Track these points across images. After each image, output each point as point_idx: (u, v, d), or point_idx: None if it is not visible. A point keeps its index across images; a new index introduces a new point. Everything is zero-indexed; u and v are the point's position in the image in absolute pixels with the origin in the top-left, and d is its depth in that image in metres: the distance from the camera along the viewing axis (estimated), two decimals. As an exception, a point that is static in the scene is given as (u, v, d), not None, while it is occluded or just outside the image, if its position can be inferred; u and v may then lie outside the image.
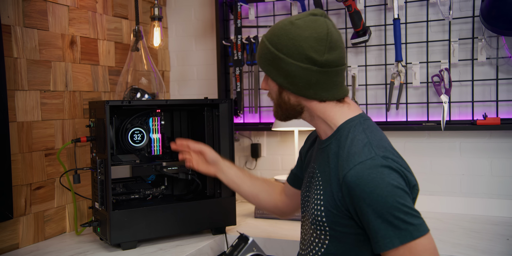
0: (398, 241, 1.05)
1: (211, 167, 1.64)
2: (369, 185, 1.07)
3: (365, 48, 2.23)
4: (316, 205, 1.20)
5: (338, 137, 1.21)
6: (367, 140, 1.15)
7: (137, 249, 1.67)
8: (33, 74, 1.76)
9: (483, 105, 2.05)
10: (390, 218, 1.06)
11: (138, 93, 2.01)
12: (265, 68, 1.23)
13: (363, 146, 1.13)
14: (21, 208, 1.71)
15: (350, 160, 1.12)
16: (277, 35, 1.19)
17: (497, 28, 1.88)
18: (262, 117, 2.46)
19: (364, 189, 1.07)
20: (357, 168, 1.09)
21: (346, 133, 1.19)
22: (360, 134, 1.17)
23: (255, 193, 1.60)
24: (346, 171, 1.10)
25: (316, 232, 1.22)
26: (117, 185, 1.80)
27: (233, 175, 1.62)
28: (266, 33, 1.23)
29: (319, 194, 1.20)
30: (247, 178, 1.62)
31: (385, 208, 1.06)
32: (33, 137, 1.76)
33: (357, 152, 1.12)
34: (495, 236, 1.74)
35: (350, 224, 1.15)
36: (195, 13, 2.61)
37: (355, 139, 1.16)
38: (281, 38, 1.18)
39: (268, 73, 1.22)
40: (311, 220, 1.22)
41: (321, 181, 1.22)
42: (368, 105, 2.23)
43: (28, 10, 1.75)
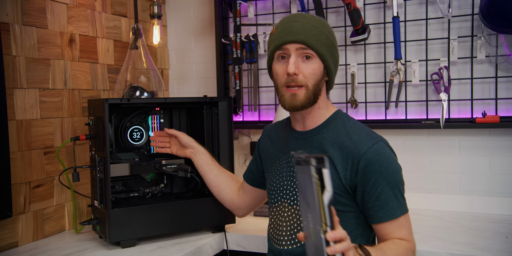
0: (400, 212, 1.26)
1: (186, 150, 1.76)
2: (387, 161, 1.25)
3: (364, 46, 2.23)
4: None
5: (332, 127, 1.34)
6: (367, 128, 1.35)
7: (136, 247, 1.67)
8: (32, 72, 1.76)
9: (482, 103, 2.05)
10: (397, 191, 1.26)
11: (137, 91, 2.00)
12: (324, 51, 1.29)
13: (368, 132, 1.32)
14: (20, 206, 1.70)
15: (364, 141, 1.27)
16: (327, 26, 1.32)
17: (496, 26, 1.88)
18: (262, 115, 2.46)
19: (383, 164, 1.24)
20: (376, 147, 1.26)
21: (340, 122, 1.35)
22: (356, 123, 1.36)
23: (218, 183, 1.72)
24: (365, 149, 1.25)
25: None
26: (116, 183, 1.80)
27: (204, 161, 1.73)
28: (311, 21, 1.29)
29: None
30: (215, 167, 1.73)
31: (396, 182, 1.26)
32: (32, 135, 1.76)
33: (367, 135, 1.30)
34: (494, 234, 1.74)
35: (348, 203, 1.29)
36: (194, 11, 2.61)
37: (356, 126, 1.34)
38: (331, 30, 1.33)
39: (326, 57, 1.30)
40: None
41: None
42: (367, 103, 2.23)
43: (27, 8, 1.74)
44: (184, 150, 1.76)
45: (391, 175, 1.25)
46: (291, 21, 1.30)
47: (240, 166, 2.51)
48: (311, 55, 1.28)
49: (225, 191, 1.71)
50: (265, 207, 2.08)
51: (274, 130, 1.54)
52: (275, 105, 2.42)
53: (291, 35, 1.28)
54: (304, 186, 0.91)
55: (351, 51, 2.26)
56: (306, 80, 1.29)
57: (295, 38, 1.27)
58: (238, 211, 1.73)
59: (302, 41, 1.27)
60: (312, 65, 1.29)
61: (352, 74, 2.23)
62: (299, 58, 1.29)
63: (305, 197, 0.92)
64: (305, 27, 1.28)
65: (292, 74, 1.27)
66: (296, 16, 1.31)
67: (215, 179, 1.72)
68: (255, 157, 1.62)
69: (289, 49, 1.29)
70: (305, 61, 1.29)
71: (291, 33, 1.28)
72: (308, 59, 1.29)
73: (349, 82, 2.25)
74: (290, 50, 1.28)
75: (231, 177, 1.75)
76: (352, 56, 2.26)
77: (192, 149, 1.75)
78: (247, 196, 1.67)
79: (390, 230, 1.26)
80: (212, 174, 1.72)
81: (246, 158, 2.51)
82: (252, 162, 1.63)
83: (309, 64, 1.29)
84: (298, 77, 1.28)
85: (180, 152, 1.77)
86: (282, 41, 1.29)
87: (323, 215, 0.88)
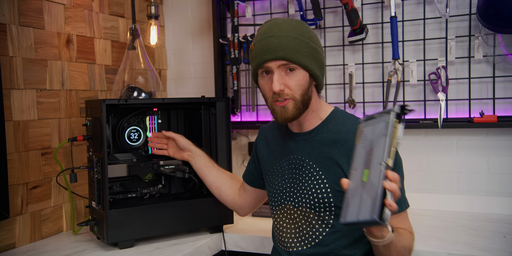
0: (404, 206, 1.31)
1: (184, 153, 1.75)
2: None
3: (362, 46, 2.23)
4: (319, 189, 1.32)
5: (331, 126, 1.34)
6: None
7: (134, 248, 1.66)
8: (29, 73, 1.76)
9: (480, 103, 2.05)
10: (402, 186, 1.29)
11: (135, 91, 2.00)
12: (306, 61, 1.27)
13: None
14: (17, 207, 1.70)
15: None
16: (306, 32, 1.29)
17: (493, 25, 1.88)
18: (260, 116, 2.45)
19: None
20: None
21: (340, 121, 1.34)
22: (356, 119, 1.35)
23: (218, 185, 1.71)
24: None
25: (319, 215, 1.32)
26: (114, 184, 1.80)
27: (202, 163, 1.72)
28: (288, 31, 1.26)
29: (320, 179, 1.32)
30: (214, 169, 1.73)
31: (402, 177, 1.29)
32: (29, 136, 1.75)
33: None
34: (493, 233, 1.74)
35: None
36: (192, 12, 2.60)
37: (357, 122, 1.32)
38: (311, 34, 1.30)
39: (310, 66, 1.28)
40: (311, 204, 1.33)
41: (318, 168, 1.33)
42: (365, 103, 2.23)
43: (24, 8, 1.74)
44: (181, 153, 1.76)
45: (399, 170, 1.28)
46: (267, 36, 1.28)
47: (238, 167, 2.50)
48: (294, 67, 1.27)
49: (226, 192, 1.71)
50: (264, 208, 2.08)
51: (270, 131, 1.54)
52: (273, 105, 2.41)
53: (269, 53, 1.26)
54: (372, 132, 0.96)
55: (349, 51, 2.26)
56: (292, 92, 1.28)
57: (274, 56, 1.26)
58: (241, 210, 1.73)
59: (282, 57, 1.26)
60: (297, 76, 1.28)
61: (350, 74, 2.23)
62: (282, 73, 1.28)
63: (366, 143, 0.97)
64: (282, 42, 1.25)
65: (278, 92, 1.28)
66: (271, 30, 1.28)
67: (215, 180, 1.72)
68: (253, 158, 1.61)
69: (270, 67, 1.28)
70: (289, 74, 1.28)
71: (269, 50, 1.26)
72: (292, 71, 1.28)
73: (347, 82, 2.25)
74: (272, 67, 1.28)
75: (231, 177, 1.74)
76: (350, 56, 2.26)
77: (189, 152, 1.74)
78: (248, 196, 1.68)
79: (394, 222, 1.28)
80: (211, 176, 1.72)
81: (244, 159, 2.51)
82: (250, 163, 1.63)
83: (293, 76, 1.28)
84: (284, 91, 1.28)
85: (178, 155, 1.77)
86: (262, 60, 1.28)
87: (391, 152, 0.90)
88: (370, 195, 0.90)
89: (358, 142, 1.01)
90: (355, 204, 0.93)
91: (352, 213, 0.93)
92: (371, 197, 0.90)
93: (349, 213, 0.94)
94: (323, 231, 1.33)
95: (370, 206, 0.89)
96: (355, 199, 0.94)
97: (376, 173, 0.91)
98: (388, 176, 0.90)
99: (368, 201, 0.90)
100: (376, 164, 0.92)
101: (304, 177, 1.36)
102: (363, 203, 0.91)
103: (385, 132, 0.92)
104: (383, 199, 0.88)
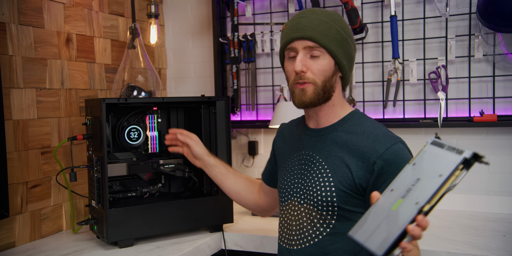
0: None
1: (197, 161, 1.67)
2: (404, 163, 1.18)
3: (362, 45, 2.23)
4: (323, 187, 1.28)
5: (347, 126, 1.31)
6: (385, 128, 1.31)
7: (134, 247, 1.66)
8: (29, 72, 1.76)
9: (480, 102, 2.05)
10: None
11: (134, 90, 2.00)
12: (333, 47, 1.26)
13: (386, 131, 1.28)
14: (17, 206, 1.70)
15: (382, 141, 1.24)
16: (338, 20, 1.28)
17: (493, 24, 1.88)
18: (259, 115, 2.45)
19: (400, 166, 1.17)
20: (394, 148, 1.22)
21: (356, 121, 1.31)
22: (374, 122, 1.32)
23: (237, 191, 1.65)
24: (383, 149, 1.22)
25: (321, 214, 1.29)
26: (113, 183, 1.80)
27: (217, 172, 1.65)
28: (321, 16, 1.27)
29: (327, 177, 1.28)
30: (231, 175, 1.65)
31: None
32: (29, 135, 1.75)
33: (386, 135, 1.26)
34: (493, 232, 1.74)
35: (359, 203, 1.26)
36: (192, 11, 2.60)
37: (374, 125, 1.30)
38: (343, 24, 1.29)
39: (336, 53, 1.27)
40: (314, 202, 1.30)
41: (326, 165, 1.30)
42: (365, 102, 2.23)
43: (23, 7, 1.74)
44: (194, 160, 1.67)
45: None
46: (299, 17, 1.28)
47: (238, 166, 2.51)
48: (319, 51, 1.26)
49: (246, 196, 1.65)
50: (263, 207, 2.08)
51: (288, 128, 1.51)
52: (273, 104, 2.42)
53: (298, 31, 1.25)
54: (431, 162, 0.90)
55: (349, 50, 2.26)
56: (314, 76, 1.26)
57: (302, 35, 1.25)
58: (265, 213, 1.68)
59: (309, 37, 1.24)
60: (321, 61, 1.26)
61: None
62: (307, 55, 1.27)
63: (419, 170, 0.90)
64: (312, 23, 1.25)
65: (299, 72, 1.26)
66: (305, 12, 1.29)
67: (233, 186, 1.65)
68: (270, 157, 1.57)
69: (296, 48, 1.27)
70: (314, 58, 1.27)
71: (298, 29, 1.26)
72: (317, 56, 1.26)
73: (347, 81, 2.25)
74: (298, 48, 1.27)
75: (250, 181, 1.68)
76: (349, 55, 2.25)
77: (202, 162, 1.66)
78: (268, 198, 1.62)
79: None
80: (228, 182, 1.65)
81: (244, 158, 2.51)
82: (268, 162, 1.59)
83: (317, 60, 1.26)
84: (306, 74, 1.26)
85: (191, 159, 1.68)
86: (290, 38, 1.27)
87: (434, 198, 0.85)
88: (389, 228, 0.84)
89: (411, 162, 0.93)
90: (371, 227, 0.87)
91: (363, 234, 0.87)
92: (389, 231, 0.84)
93: (360, 231, 0.88)
94: (324, 231, 1.29)
95: (383, 239, 0.83)
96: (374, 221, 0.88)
97: (408, 211, 0.85)
98: (418, 221, 0.84)
99: (384, 233, 0.84)
100: (413, 202, 0.86)
101: (312, 173, 1.32)
102: (378, 231, 0.85)
103: (442, 173, 0.85)
104: (399, 240, 0.82)
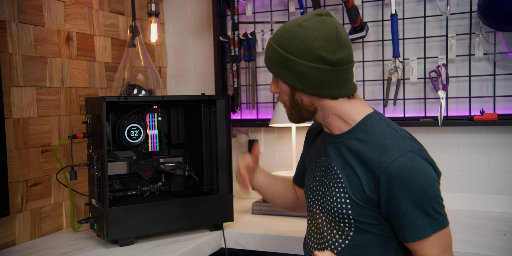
0: (431, 230, 1.13)
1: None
2: (412, 176, 1.12)
3: (362, 44, 2.22)
4: (339, 198, 1.23)
5: (359, 133, 1.23)
6: (398, 134, 1.20)
7: (134, 245, 1.66)
8: (29, 70, 1.76)
9: (481, 101, 2.05)
10: (427, 208, 1.13)
11: (134, 89, 2.00)
12: (276, 71, 1.23)
13: (397, 140, 1.18)
14: (17, 204, 1.70)
15: (388, 152, 1.15)
16: (286, 38, 1.20)
17: (494, 23, 1.87)
18: (260, 113, 2.45)
19: (408, 181, 1.12)
20: (400, 160, 1.13)
21: (369, 128, 1.22)
22: (387, 128, 1.22)
23: (281, 193, 1.56)
24: (388, 163, 1.13)
25: (339, 225, 1.24)
26: (114, 181, 1.80)
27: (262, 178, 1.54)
28: (272, 37, 1.24)
29: (341, 187, 1.23)
30: (271, 178, 1.57)
31: (425, 199, 1.12)
32: (29, 133, 1.75)
33: (395, 145, 1.16)
34: (493, 231, 1.74)
35: (376, 215, 1.18)
36: (192, 9, 2.60)
37: (385, 133, 1.20)
38: (291, 41, 1.19)
39: (280, 76, 1.23)
40: (332, 213, 1.24)
41: (340, 174, 1.24)
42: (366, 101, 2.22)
43: (23, 5, 1.73)
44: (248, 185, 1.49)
45: (418, 192, 1.12)
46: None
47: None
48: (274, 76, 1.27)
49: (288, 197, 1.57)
50: (263, 205, 2.08)
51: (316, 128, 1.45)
52: (273, 103, 2.41)
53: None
54: None
55: (349, 49, 2.25)
56: (283, 99, 1.29)
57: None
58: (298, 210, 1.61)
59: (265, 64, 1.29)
60: (280, 85, 1.27)
61: (350, 72, 2.22)
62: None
63: None
64: (267, 47, 1.27)
65: (273, 92, 1.31)
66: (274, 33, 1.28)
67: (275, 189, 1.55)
68: (301, 157, 1.52)
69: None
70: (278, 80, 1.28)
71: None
72: (277, 80, 1.28)
73: (347, 80, 2.24)
74: None
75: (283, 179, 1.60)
76: (350, 54, 2.25)
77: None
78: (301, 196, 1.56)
79: (417, 248, 1.15)
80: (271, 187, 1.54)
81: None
82: (299, 163, 1.54)
83: (278, 84, 1.28)
84: (279, 95, 1.30)
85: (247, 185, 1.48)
86: None
87: None
88: None
89: None
90: None
91: None
92: None
93: None
94: (342, 242, 1.23)
95: None
96: None
97: None
98: None
99: None
100: None
101: (330, 181, 1.27)
102: None
103: None
104: None
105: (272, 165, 2.45)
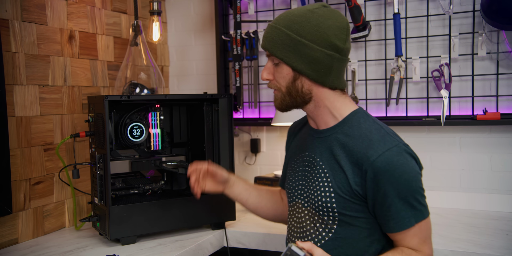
0: (414, 221, 1.19)
1: (219, 185, 1.55)
2: (398, 170, 1.16)
3: (365, 43, 2.22)
4: (323, 192, 1.25)
5: (346, 128, 1.26)
6: (384, 130, 1.24)
7: (136, 244, 1.67)
8: (32, 69, 1.76)
9: (483, 100, 2.05)
10: (411, 200, 1.18)
11: (137, 88, 2.00)
12: (282, 54, 1.23)
13: (383, 135, 1.22)
14: (20, 203, 1.70)
15: (375, 147, 1.19)
16: (297, 22, 1.21)
17: (497, 22, 1.87)
18: (262, 112, 2.45)
19: (393, 174, 1.16)
20: (386, 155, 1.17)
21: (356, 123, 1.26)
22: (373, 124, 1.25)
23: (263, 204, 1.56)
24: (374, 157, 1.17)
25: (323, 218, 1.27)
26: (116, 180, 1.80)
27: (241, 188, 1.55)
28: (276, 21, 1.24)
29: (326, 181, 1.25)
30: (252, 188, 1.57)
31: (409, 192, 1.18)
32: (32, 132, 1.75)
33: (381, 140, 1.20)
34: (495, 231, 1.74)
35: (360, 208, 1.22)
36: (195, 8, 2.60)
37: (372, 128, 1.24)
38: (303, 25, 1.20)
39: (286, 59, 1.23)
40: (316, 207, 1.27)
41: (326, 169, 1.27)
42: (368, 100, 2.23)
43: (26, 4, 1.74)
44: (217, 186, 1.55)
45: (404, 185, 1.16)
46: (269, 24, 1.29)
47: (240, 164, 2.51)
48: (276, 58, 1.25)
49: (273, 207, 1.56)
50: (265, 204, 2.08)
51: (299, 125, 1.48)
52: (275, 102, 2.41)
53: (262, 40, 1.29)
54: None
55: (352, 48, 2.25)
56: (278, 84, 1.27)
57: (263, 44, 1.28)
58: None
59: (263, 46, 1.27)
60: (280, 68, 1.25)
61: (353, 71, 2.22)
62: (273, 63, 1.28)
63: None
64: (267, 31, 1.25)
65: (264, 80, 1.30)
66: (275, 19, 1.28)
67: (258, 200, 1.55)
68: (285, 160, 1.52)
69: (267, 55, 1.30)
70: (276, 65, 1.27)
71: (263, 38, 1.28)
72: (277, 63, 1.26)
73: (349, 79, 2.24)
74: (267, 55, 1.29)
75: (270, 190, 1.59)
76: (352, 53, 2.25)
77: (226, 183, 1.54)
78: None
79: (400, 238, 1.21)
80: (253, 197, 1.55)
81: (246, 156, 2.51)
82: (283, 167, 1.54)
83: (278, 68, 1.26)
84: (272, 82, 1.29)
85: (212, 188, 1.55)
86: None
87: None
88: None
89: None
90: None
91: None
92: None
93: None
94: (326, 235, 1.26)
95: None
96: None
97: None
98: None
99: None
100: None
101: (313, 176, 1.30)
102: None
103: None
104: None
105: (274, 164, 2.46)
